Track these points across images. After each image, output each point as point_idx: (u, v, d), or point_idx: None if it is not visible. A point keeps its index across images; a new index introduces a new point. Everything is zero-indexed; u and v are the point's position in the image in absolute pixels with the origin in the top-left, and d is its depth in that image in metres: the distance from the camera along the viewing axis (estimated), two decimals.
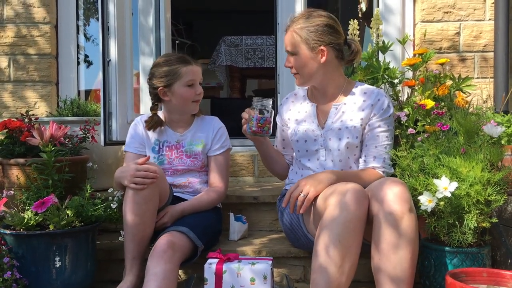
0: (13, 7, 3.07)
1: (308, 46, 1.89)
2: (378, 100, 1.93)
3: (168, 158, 2.13)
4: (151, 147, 2.16)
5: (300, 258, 2.03)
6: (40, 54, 3.08)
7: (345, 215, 1.59)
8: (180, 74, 2.06)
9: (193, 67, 2.10)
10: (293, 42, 1.91)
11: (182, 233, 1.84)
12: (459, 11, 2.94)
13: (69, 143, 2.33)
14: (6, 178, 2.21)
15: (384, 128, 1.93)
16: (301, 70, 1.93)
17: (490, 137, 1.82)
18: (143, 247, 1.89)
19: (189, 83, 2.08)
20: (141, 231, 1.86)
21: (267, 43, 4.76)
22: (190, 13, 6.67)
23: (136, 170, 1.82)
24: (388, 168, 1.93)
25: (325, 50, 1.89)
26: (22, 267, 1.82)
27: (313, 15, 1.92)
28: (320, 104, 2.02)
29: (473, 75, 2.92)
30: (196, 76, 2.10)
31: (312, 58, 1.90)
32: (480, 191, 1.65)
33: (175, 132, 2.16)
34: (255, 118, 1.88)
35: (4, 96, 3.10)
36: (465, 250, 1.69)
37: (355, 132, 1.92)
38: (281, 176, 2.20)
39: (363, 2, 3.98)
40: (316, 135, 1.97)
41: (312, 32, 1.88)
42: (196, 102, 2.13)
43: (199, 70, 2.13)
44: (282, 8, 3.08)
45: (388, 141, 1.93)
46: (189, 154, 2.13)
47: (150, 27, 3.22)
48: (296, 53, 1.91)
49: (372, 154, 1.93)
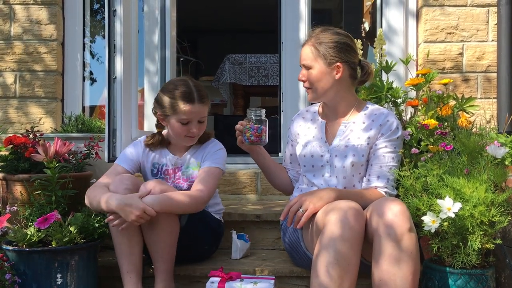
0: (20, 24, 3.11)
1: (325, 61, 1.91)
2: (387, 121, 1.95)
3: (166, 181, 2.12)
4: (150, 169, 2.14)
5: (302, 278, 2.02)
6: (46, 70, 3.11)
7: (344, 233, 1.60)
8: (176, 110, 1.99)
9: (193, 107, 1.99)
10: (310, 56, 1.93)
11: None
12: (462, 32, 2.96)
13: (73, 159, 2.34)
14: (10, 193, 2.22)
15: (391, 149, 1.93)
16: (315, 85, 1.95)
17: (493, 157, 1.82)
18: (135, 261, 1.88)
19: (184, 121, 2.01)
20: (129, 247, 1.88)
21: (271, 61, 4.79)
22: (195, 30, 6.73)
23: (144, 211, 1.78)
24: (391, 189, 1.93)
25: (341, 67, 1.92)
26: (24, 283, 1.82)
27: (332, 31, 1.95)
28: (330, 121, 2.04)
29: (476, 95, 2.93)
30: (193, 116, 2.00)
31: (328, 74, 1.92)
32: (484, 212, 1.64)
33: (173, 156, 2.13)
34: (252, 128, 1.97)
35: (10, 112, 3.12)
36: (469, 271, 1.68)
37: (361, 151, 1.93)
38: (283, 190, 2.21)
39: (367, 22, 4.02)
40: (323, 152, 1.98)
41: (331, 48, 1.91)
42: (190, 138, 2.06)
43: (201, 109, 2.02)
44: (286, 28, 3.12)
45: (394, 163, 1.93)
46: (186, 178, 2.10)
47: (155, 45, 3.25)
48: (312, 67, 1.93)
49: (376, 173, 1.93)
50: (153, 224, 1.86)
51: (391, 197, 1.83)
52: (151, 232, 1.88)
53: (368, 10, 4.02)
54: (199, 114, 2.02)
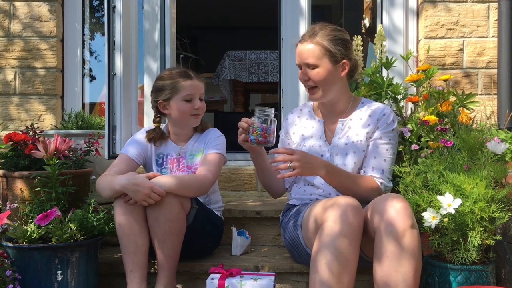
0: (20, 21, 3.11)
1: (332, 58, 1.88)
2: (383, 115, 1.95)
3: (170, 171, 2.13)
4: (154, 159, 2.16)
5: (302, 274, 2.02)
6: (46, 67, 3.11)
7: (343, 229, 1.60)
8: (178, 88, 2.05)
9: (193, 81, 2.08)
10: (316, 55, 1.88)
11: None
12: (462, 28, 2.95)
13: (73, 156, 2.34)
14: (10, 191, 2.22)
15: (385, 141, 1.93)
16: (322, 83, 1.90)
17: (494, 153, 1.82)
18: (140, 260, 1.87)
19: (187, 98, 2.06)
20: (132, 241, 1.86)
21: (271, 58, 4.78)
22: (194, 27, 6.72)
23: (152, 190, 1.81)
24: (386, 181, 1.92)
25: (347, 64, 1.91)
26: (24, 280, 1.82)
27: (332, 28, 1.92)
28: (328, 120, 2.03)
29: (477, 91, 2.93)
30: (195, 90, 2.08)
31: (334, 71, 1.91)
32: (484, 208, 1.64)
33: (176, 145, 2.16)
34: (260, 128, 1.83)
35: (10, 109, 3.12)
36: (469, 267, 1.68)
37: (361, 147, 1.93)
38: (274, 192, 2.13)
39: (367, 18, 4.01)
40: (323, 151, 1.97)
41: (338, 45, 1.88)
42: (195, 116, 2.10)
43: (200, 85, 2.11)
44: (286, 24, 3.11)
45: (389, 155, 1.93)
46: (190, 166, 2.12)
47: (155, 42, 3.25)
48: (318, 66, 1.89)
49: (371, 164, 1.93)
50: (160, 217, 1.85)
51: (393, 193, 1.82)
52: (158, 227, 1.86)
53: (369, 6, 4.01)
54: (200, 89, 2.09)
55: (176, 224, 1.88)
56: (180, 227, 1.90)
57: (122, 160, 2.08)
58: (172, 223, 1.87)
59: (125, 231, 1.86)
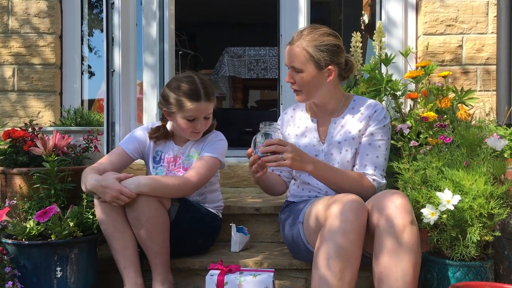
0: (18, 17, 3.10)
1: (317, 64, 1.87)
2: (375, 111, 1.95)
3: (166, 170, 2.12)
4: (152, 156, 2.15)
5: (301, 270, 2.02)
6: (44, 64, 3.10)
7: (346, 226, 1.59)
8: (183, 107, 1.99)
9: (200, 105, 1.99)
10: (301, 60, 1.87)
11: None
12: (462, 24, 2.95)
13: (72, 153, 2.34)
14: (9, 187, 2.22)
15: (378, 137, 1.93)
16: (305, 88, 1.91)
17: (493, 150, 1.82)
18: (130, 255, 1.88)
19: (190, 118, 2.01)
20: (119, 238, 1.87)
21: (270, 54, 4.78)
22: (193, 23, 6.71)
23: (120, 193, 1.80)
24: (379, 177, 1.92)
25: (333, 70, 1.90)
26: (24, 277, 1.82)
27: (321, 33, 1.89)
28: (320, 119, 2.03)
29: (476, 88, 2.93)
30: (200, 113, 2.01)
31: (319, 77, 1.90)
32: (483, 205, 1.64)
33: (176, 145, 2.15)
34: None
35: (8, 106, 3.11)
36: (468, 263, 1.68)
37: (354, 145, 1.93)
38: (278, 193, 2.14)
39: (366, 14, 4.01)
40: (317, 150, 1.97)
41: (323, 51, 1.87)
42: (195, 134, 2.07)
43: (208, 106, 2.03)
44: (285, 21, 3.11)
45: (382, 151, 1.93)
46: (186, 167, 2.10)
47: (154, 38, 3.24)
48: (302, 70, 1.88)
49: (363, 161, 1.93)
50: (139, 217, 1.85)
51: (393, 189, 1.82)
52: (139, 226, 1.87)
53: (368, 3, 4.00)
54: (205, 111, 2.03)
55: (157, 220, 1.88)
56: (162, 221, 1.90)
57: (116, 153, 2.09)
58: (153, 219, 1.87)
59: (109, 229, 1.87)
